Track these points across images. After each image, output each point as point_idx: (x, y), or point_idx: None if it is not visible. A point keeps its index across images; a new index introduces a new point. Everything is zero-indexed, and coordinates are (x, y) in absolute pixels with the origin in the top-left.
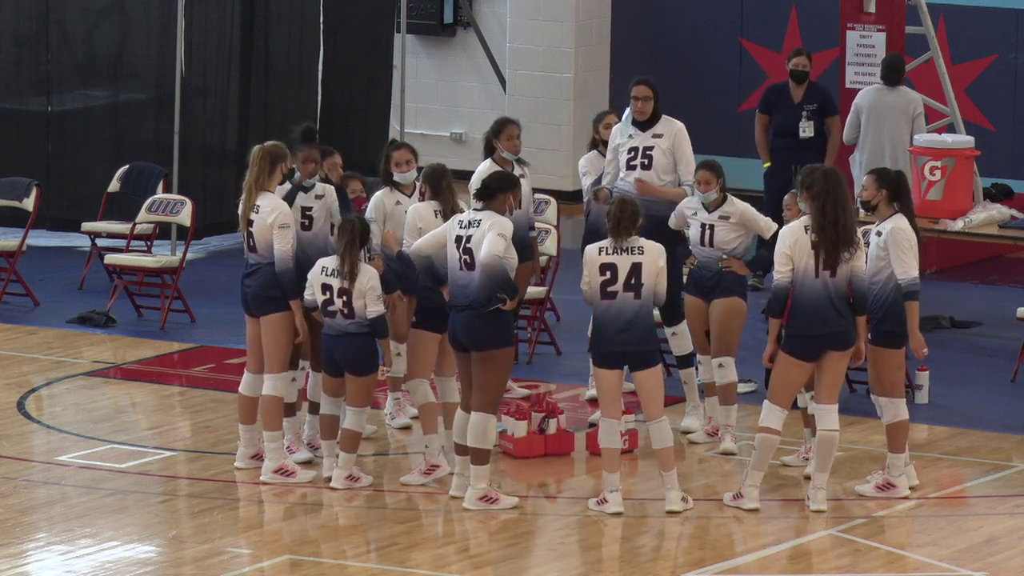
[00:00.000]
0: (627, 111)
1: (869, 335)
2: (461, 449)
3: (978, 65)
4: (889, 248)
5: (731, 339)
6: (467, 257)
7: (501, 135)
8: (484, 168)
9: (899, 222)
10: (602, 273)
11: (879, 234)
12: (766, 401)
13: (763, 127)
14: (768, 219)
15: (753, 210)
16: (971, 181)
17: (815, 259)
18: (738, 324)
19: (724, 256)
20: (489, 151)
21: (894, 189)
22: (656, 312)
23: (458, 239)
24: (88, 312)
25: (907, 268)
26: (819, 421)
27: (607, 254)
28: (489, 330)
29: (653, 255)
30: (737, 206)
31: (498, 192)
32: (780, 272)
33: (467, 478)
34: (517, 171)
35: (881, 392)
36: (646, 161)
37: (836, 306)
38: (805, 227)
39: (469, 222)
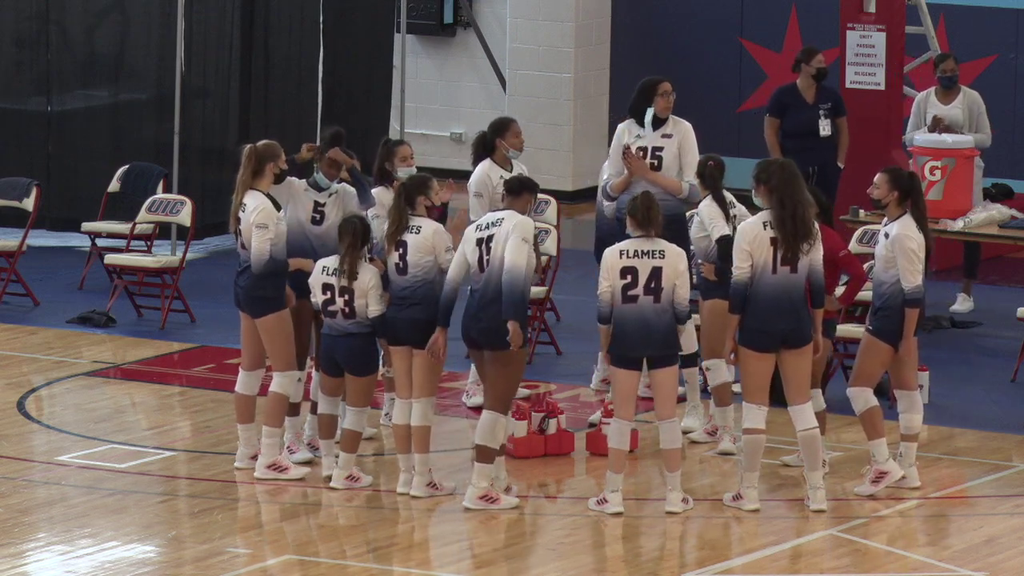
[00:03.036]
0: (649, 112)
1: (870, 325)
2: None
3: (978, 65)
4: (896, 254)
5: (721, 340)
6: (487, 256)
7: (507, 132)
8: (485, 168)
9: (905, 227)
10: (623, 276)
11: (887, 235)
12: (744, 402)
13: (775, 130)
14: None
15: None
16: (971, 181)
17: (773, 254)
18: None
19: (700, 261)
20: (486, 151)
21: (906, 190)
22: None
23: (479, 241)
24: (88, 312)
25: (911, 276)
26: (796, 422)
27: (627, 257)
28: (504, 331)
29: (673, 260)
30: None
31: (524, 190)
32: (740, 268)
33: (496, 481)
34: (516, 170)
35: (854, 380)
36: (655, 162)
37: (793, 302)
38: (764, 223)
39: (490, 223)
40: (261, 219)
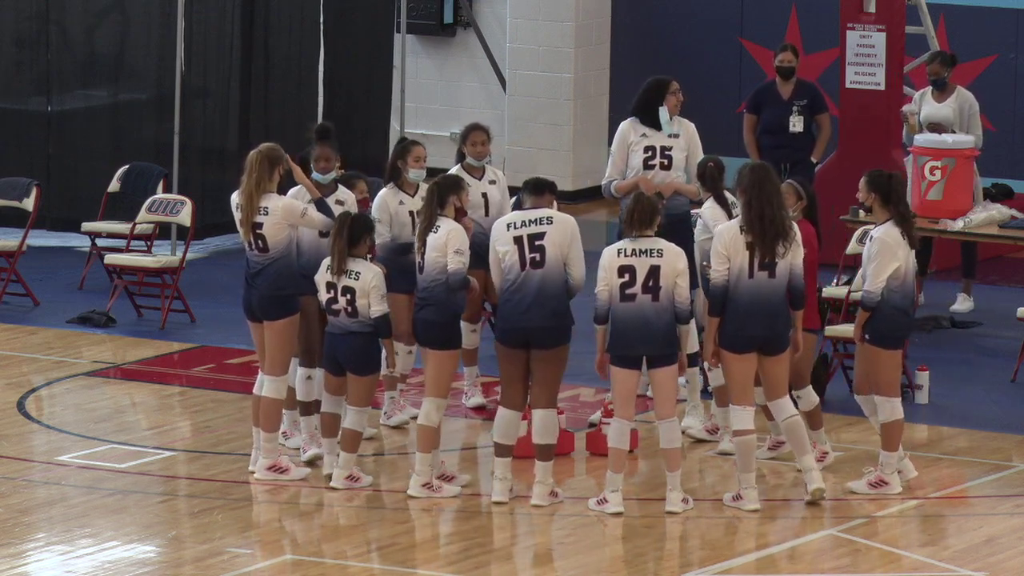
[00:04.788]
0: (664, 112)
1: (866, 335)
2: (503, 450)
3: (978, 65)
4: (871, 254)
5: None
6: (536, 255)
7: (466, 141)
8: (451, 174)
9: (886, 231)
10: (620, 275)
11: (872, 238)
12: (731, 405)
13: (751, 127)
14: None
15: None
16: (971, 181)
17: (749, 259)
18: None
19: (704, 263)
20: (460, 157)
21: (884, 192)
22: None
23: (517, 239)
24: (88, 312)
25: (875, 279)
26: (776, 415)
27: (625, 256)
28: (561, 327)
29: (671, 258)
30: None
31: (546, 190)
32: (717, 271)
33: (509, 481)
34: (489, 176)
35: (877, 391)
36: (665, 161)
37: (771, 309)
38: (741, 226)
39: (528, 220)
40: (300, 208)
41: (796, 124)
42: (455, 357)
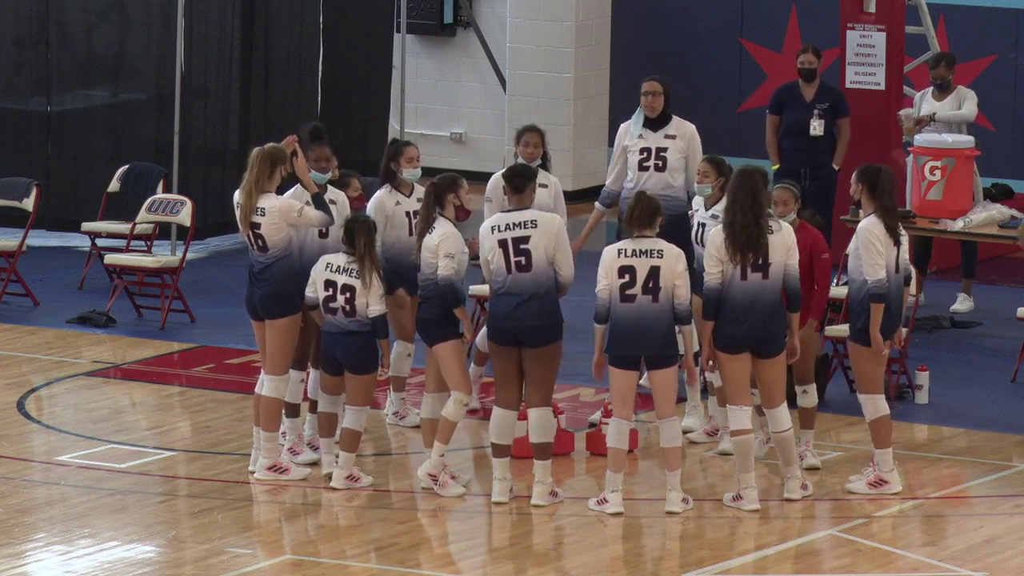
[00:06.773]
0: (637, 111)
1: (849, 332)
2: (501, 450)
3: (978, 65)
4: (860, 247)
5: None
6: (521, 259)
7: (519, 142)
8: (498, 176)
9: (869, 223)
10: (620, 276)
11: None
12: (728, 405)
13: (773, 128)
14: None
15: None
16: (971, 181)
17: (741, 262)
18: None
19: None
20: (515, 158)
21: (872, 184)
22: None
23: (501, 243)
24: (88, 312)
25: (872, 269)
26: (770, 424)
27: (625, 256)
28: (551, 326)
29: (671, 259)
30: None
31: (527, 182)
32: (710, 274)
33: (508, 481)
34: (541, 178)
35: (860, 389)
36: (660, 163)
37: (765, 309)
38: None
39: (512, 224)
40: (295, 209)
41: (816, 128)
42: (455, 347)
